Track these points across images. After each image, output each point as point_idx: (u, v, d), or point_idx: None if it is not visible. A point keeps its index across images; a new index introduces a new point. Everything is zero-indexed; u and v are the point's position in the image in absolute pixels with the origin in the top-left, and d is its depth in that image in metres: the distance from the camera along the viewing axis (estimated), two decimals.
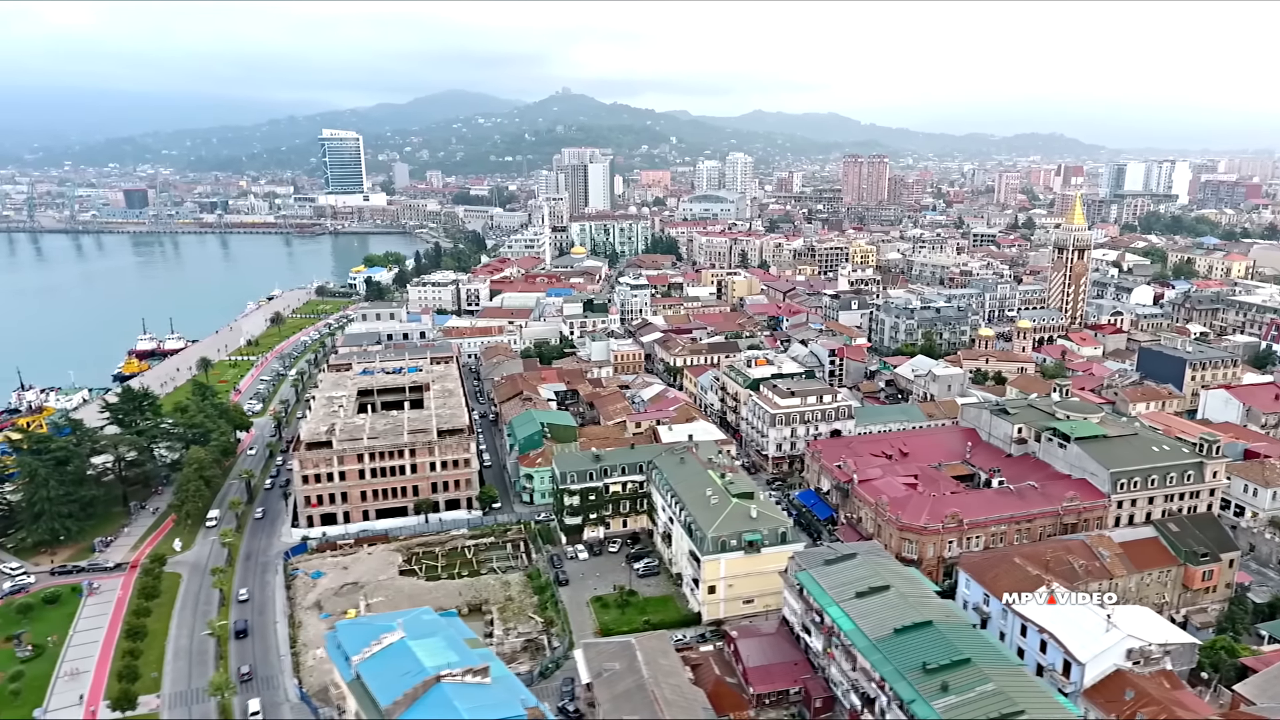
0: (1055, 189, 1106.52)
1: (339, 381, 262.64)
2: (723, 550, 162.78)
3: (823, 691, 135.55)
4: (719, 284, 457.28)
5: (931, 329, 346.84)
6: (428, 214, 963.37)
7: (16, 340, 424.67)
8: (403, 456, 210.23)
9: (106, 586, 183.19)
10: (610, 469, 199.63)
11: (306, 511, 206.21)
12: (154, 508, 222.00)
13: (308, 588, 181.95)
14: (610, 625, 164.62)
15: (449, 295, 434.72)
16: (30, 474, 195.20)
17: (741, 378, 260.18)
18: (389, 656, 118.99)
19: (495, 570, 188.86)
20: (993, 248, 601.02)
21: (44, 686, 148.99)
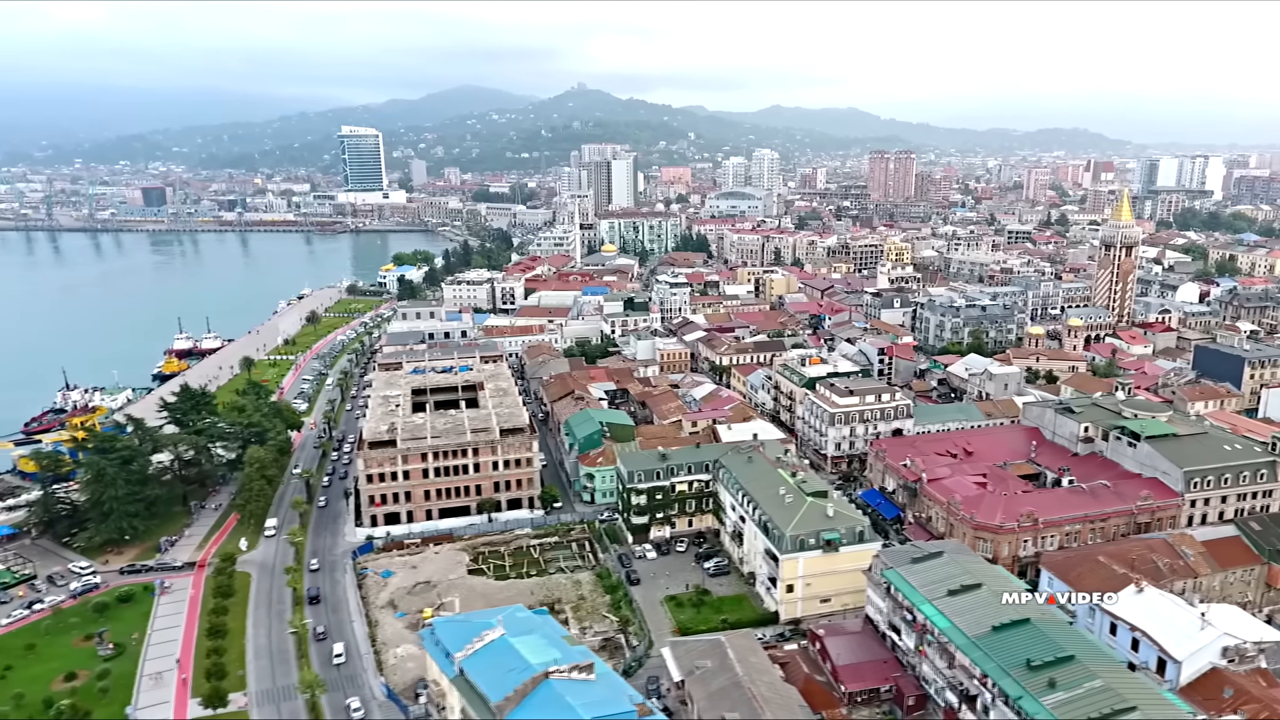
0: (1085, 185, 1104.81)
1: (391, 381, 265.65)
2: (801, 549, 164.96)
3: (915, 690, 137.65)
4: (756, 282, 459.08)
5: (978, 327, 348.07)
6: (449, 211, 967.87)
7: (54, 340, 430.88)
8: (465, 456, 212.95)
9: (177, 585, 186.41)
10: (676, 468, 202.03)
11: (370, 511, 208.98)
12: (214, 506, 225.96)
13: (379, 587, 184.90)
14: (688, 624, 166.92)
15: (484, 294, 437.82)
16: (98, 473, 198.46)
17: (797, 376, 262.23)
18: (492, 653, 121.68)
19: (563, 570, 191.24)
20: (1028, 245, 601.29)
21: (130, 685, 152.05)
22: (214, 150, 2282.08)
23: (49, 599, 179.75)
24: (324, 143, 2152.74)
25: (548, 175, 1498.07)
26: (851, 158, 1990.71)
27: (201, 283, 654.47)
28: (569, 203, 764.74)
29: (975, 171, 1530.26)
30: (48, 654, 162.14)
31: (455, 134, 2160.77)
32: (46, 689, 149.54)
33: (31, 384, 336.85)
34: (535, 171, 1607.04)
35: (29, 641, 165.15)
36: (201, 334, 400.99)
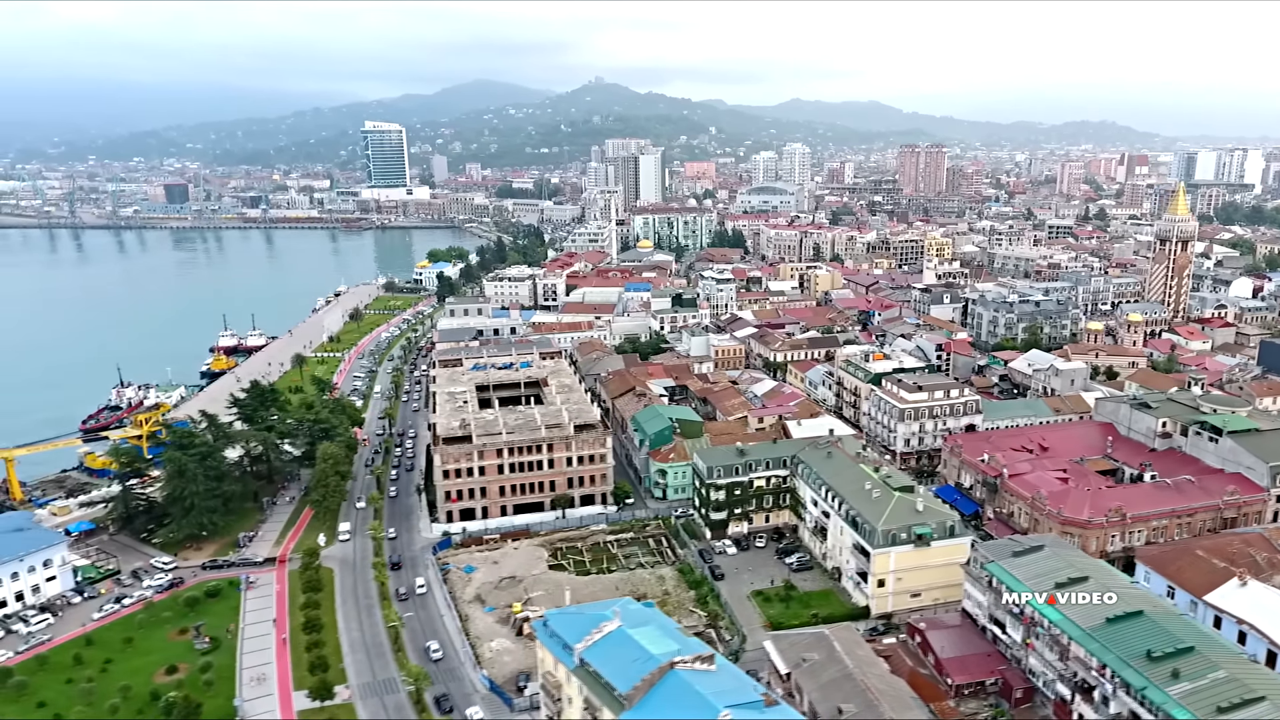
0: (1118, 179, 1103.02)
1: (453, 377, 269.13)
2: (892, 544, 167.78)
3: (1022, 682, 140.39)
4: (801, 278, 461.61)
5: (1032, 323, 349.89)
6: (475, 208, 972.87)
7: (98, 338, 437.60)
8: (540, 451, 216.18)
9: (262, 581, 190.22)
10: (755, 463, 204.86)
11: (446, 507, 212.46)
12: (288, 499, 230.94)
13: (463, 582, 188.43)
14: (778, 619, 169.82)
15: (525, 290, 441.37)
16: (179, 469, 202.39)
17: (862, 372, 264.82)
18: (612, 644, 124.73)
19: (643, 565, 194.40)
20: (1070, 240, 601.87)
21: (231, 677, 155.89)
22: (228, 146, 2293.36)
23: (137, 593, 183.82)
24: (340, 138, 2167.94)
25: (568, 170, 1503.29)
26: (875, 151, 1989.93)
27: (235, 280, 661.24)
28: (598, 198, 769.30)
29: (1003, 165, 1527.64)
30: (145, 647, 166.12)
31: (473, 129, 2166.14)
32: (149, 681, 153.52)
33: (83, 382, 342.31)
34: (555, 167, 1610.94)
35: (125, 635, 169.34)
36: (247, 331, 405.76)
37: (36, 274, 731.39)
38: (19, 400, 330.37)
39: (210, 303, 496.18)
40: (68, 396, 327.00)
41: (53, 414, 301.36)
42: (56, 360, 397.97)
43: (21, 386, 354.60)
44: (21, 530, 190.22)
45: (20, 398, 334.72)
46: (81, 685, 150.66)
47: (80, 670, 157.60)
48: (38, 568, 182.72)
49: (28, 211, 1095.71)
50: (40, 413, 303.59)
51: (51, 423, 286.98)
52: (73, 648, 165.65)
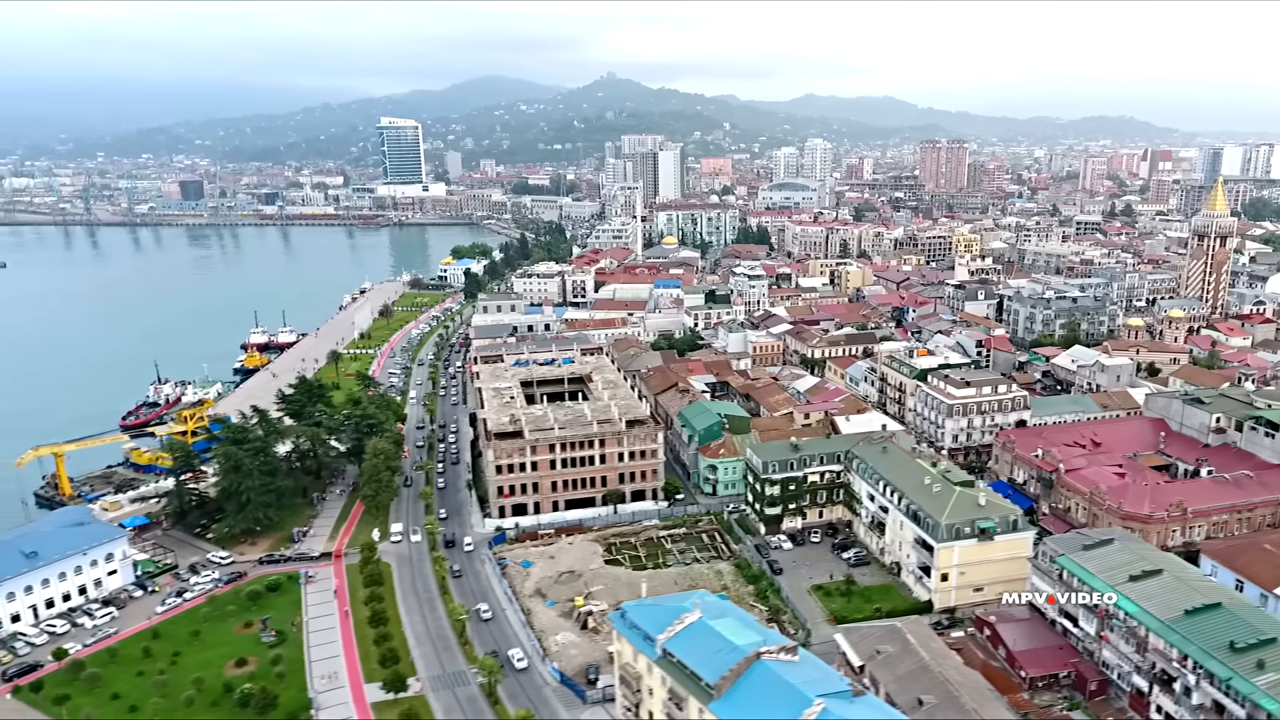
0: (1141, 174, 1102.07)
1: (496, 373, 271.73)
2: (956, 538, 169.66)
3: (1096, 675, 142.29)
4: (831, 274, 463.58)
5: (1070, 319, 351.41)
6: (493, 205, 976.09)
7: (129, 335, 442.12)
8: (592, 447, 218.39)
9: (320, 575, 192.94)
10: (809, 459, 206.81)
11: (499, 502, 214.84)
12: (337, 493, 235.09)
13: (522, 576, 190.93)
14: (841, 613, 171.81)
15: (554, 286, 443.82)
16: (234, 464, 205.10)
17: (907, 368, 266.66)
18: (694, 635, 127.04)
19: (698, 560, 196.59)
20: (1098, 236, 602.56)
21: (301, 670, 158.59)
22: (237, 143, 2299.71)
23: (198, 587, 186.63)
24: (349, 135, 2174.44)
25: (583, 167, 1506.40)
26: (891, 147, 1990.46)
27: (258, 277, 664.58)
28: (619, 194, 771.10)
29: (1022, 161, 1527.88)
30: (211, 640, 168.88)
31: (484, 125, 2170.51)
32: (220, 674, 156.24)
33: (119, 379, 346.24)
34: (569, 163, 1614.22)
35: (192, 629, 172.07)
36: (278, 328, 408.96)
37: (59, 271, 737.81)
38: (57, 397, 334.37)
39: (236, 299, 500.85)
40: (104, 393, 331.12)
41: (91, 411, 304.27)
42: (90, 358, 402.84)
43: (58, 384, 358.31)
44: (82, 525, 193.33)
45: (58, 395, 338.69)
46: (155, 677, 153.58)
47: (150, 663, 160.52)
48: (99, 562, 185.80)
49: (42, 208, 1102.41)
50: (79, 409, 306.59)
51: (91, 420, 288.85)
52: (140, 640, 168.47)
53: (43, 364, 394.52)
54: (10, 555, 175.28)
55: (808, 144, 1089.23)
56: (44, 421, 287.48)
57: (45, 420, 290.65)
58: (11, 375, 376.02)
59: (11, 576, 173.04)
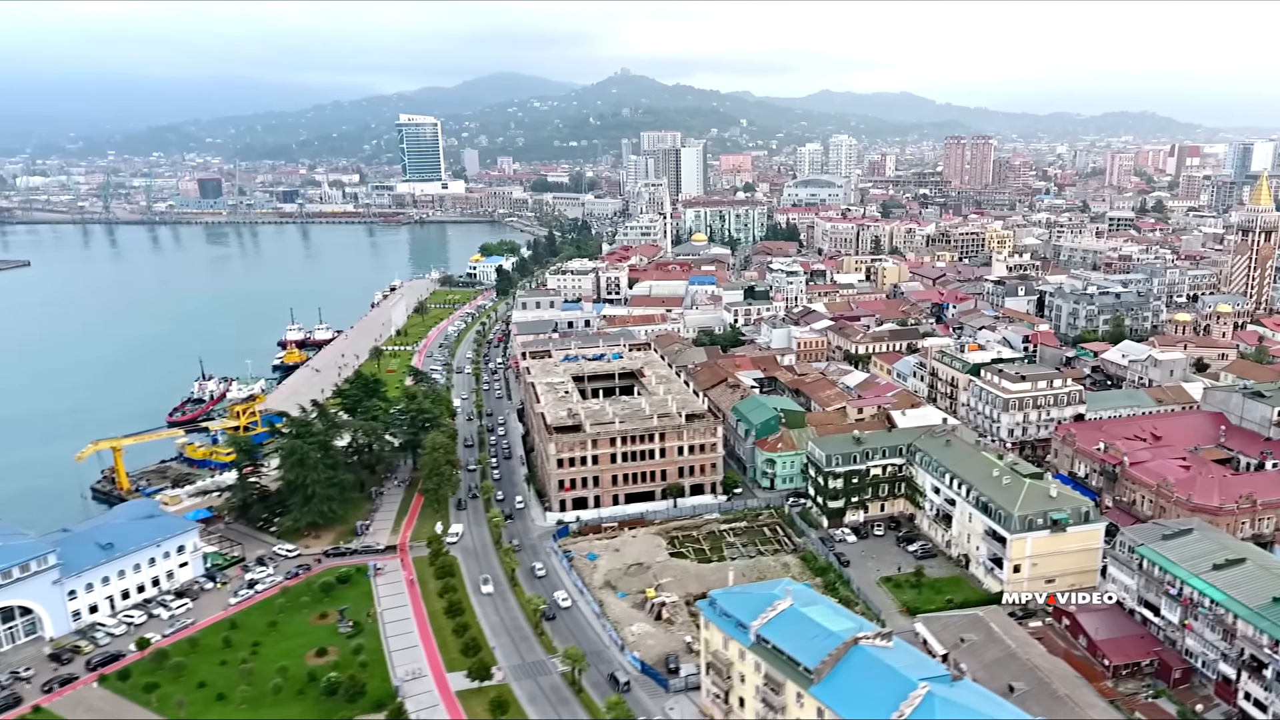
0: (1168, 170, 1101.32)
1: (547, 368, 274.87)
2: (1029, 529, 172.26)
3: (1180, 663, 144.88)
4: (867, 271, 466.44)
5: (1114, 315, 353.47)
6: (514, 202, 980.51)
7: (163, 332, 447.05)
8: (652, 440, 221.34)
9: (389, 567, 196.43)
10: (871, 452, 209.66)
11: (559, 495, 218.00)
12: (395, 485, 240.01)
13: (590, 569, 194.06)
14: (914, 604, 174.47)
15: (588, 283, 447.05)
16: (300, 457, 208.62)
17: (959, 363, 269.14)
18: (788, 621, 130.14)
19: (762, 553, 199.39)
20: (1132, 232, 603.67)
21: (380, 659, 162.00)
22: (249, 141, 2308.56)
23: (268, 579, 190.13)
24: (362, 132, 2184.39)
25: (599, 164, 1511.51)
26: (910, 144, 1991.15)
27: (285, 275, 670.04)
28: (643, 192, 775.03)
29: (1044, 157, 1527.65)
30: (288, 630, 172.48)
31: (498, 122, 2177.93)
32: (302, 663, 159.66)
33: (161, 376, 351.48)
34: (585, 160, 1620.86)
35: (268, 619, 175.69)
36: (314, 325, 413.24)
37: (84, 270, 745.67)
38: (102, 394, 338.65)
39: (266, 297, 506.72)
40: (147, 390, 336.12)
41: (137, 407, 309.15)
42: (128, 355, 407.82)
43: (100, 381, 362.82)
44: (152, 517, 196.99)
45: (102, 392, 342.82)
46: (241, 666, 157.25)
47: (231, 652, 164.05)
48: (171, 554, 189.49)
49: (59, 207, 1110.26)
50: (124, 406, 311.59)
51: (137, 416, 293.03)
52: (218, 631, 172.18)
53: (82, 361, 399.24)
54: (86, 547, 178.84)
55: (832, 140, 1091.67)
56: (92, 418, 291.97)
57: (92, 417, 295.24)
58: (54, 373, 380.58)
59: (89, 568, 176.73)
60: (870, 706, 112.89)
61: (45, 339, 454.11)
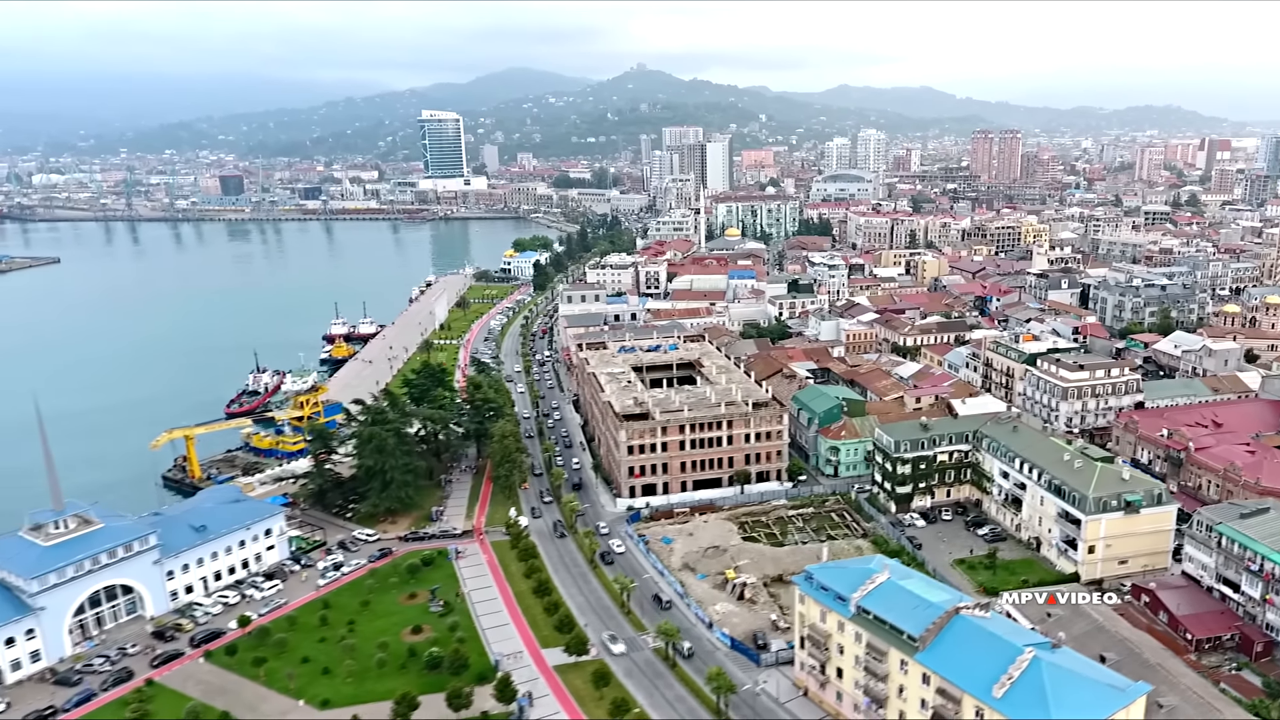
0: (1197, 164, 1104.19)
1: (605, 359, 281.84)
2: (1103, 511, 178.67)
3: (1261, 637, 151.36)
4: (907, 264, 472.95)
5: (1160, 307, 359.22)
6: (538, 198, 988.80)
7: (207, 327, 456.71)
8: (720, 428, 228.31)
9: (469, 551, 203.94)
10: (939, 438, 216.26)
11: (629, 482, 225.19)
12: (463, 470, 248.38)
13: (666, 552, 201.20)
14: (990, 585, 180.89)
15: (628, 277, 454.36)
16: (379, 444, 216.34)
17: (1015, 353, 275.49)
18: (888, 593, 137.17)
19: (832, 537, 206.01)
20: (1169, 226, 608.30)
21: (475, 636, 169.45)
22: (262, 138, 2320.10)
23: (354, 562, 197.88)
24: (376, 129, 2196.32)
25: (619, 159, 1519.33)
26: (932, 139, 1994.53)
27: (316, 271, 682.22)
28: (671, 187, 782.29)
29: (1069, 152, 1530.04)
30: (381, 610, 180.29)
31: (514, 119, 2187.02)
32: (399, 640, 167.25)
33: (212, 368, 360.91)
34: (603, 156, 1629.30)
35: (360, 599, 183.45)
36: (358, 320, 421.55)
37: (114, 266, 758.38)
38: (157, 388, 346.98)
39: (303, 293, 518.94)
40: (202, 383, 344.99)
41: (194, 400, 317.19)
42: (176, 349, 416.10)
43: (153, 376, 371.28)
44: (238, 501, 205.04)
45: (156, 386, 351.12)
46: (341, 642, 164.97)
47: (328, 630, 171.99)
48: (260, 537, 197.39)
49: (80, 204, 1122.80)
50: (183, 399, 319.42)
51: (195, 408, 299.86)
52: (312, 610, 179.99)
53: (130, 355, 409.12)
54: (181, 530, 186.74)
55: (860, 135, 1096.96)
56: (152, 410, 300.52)
57: (153, 409, 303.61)
58: (105, 366, 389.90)
59: (186, 549, 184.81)
60: (977, 670, 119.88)
61: (91, 333, 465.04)
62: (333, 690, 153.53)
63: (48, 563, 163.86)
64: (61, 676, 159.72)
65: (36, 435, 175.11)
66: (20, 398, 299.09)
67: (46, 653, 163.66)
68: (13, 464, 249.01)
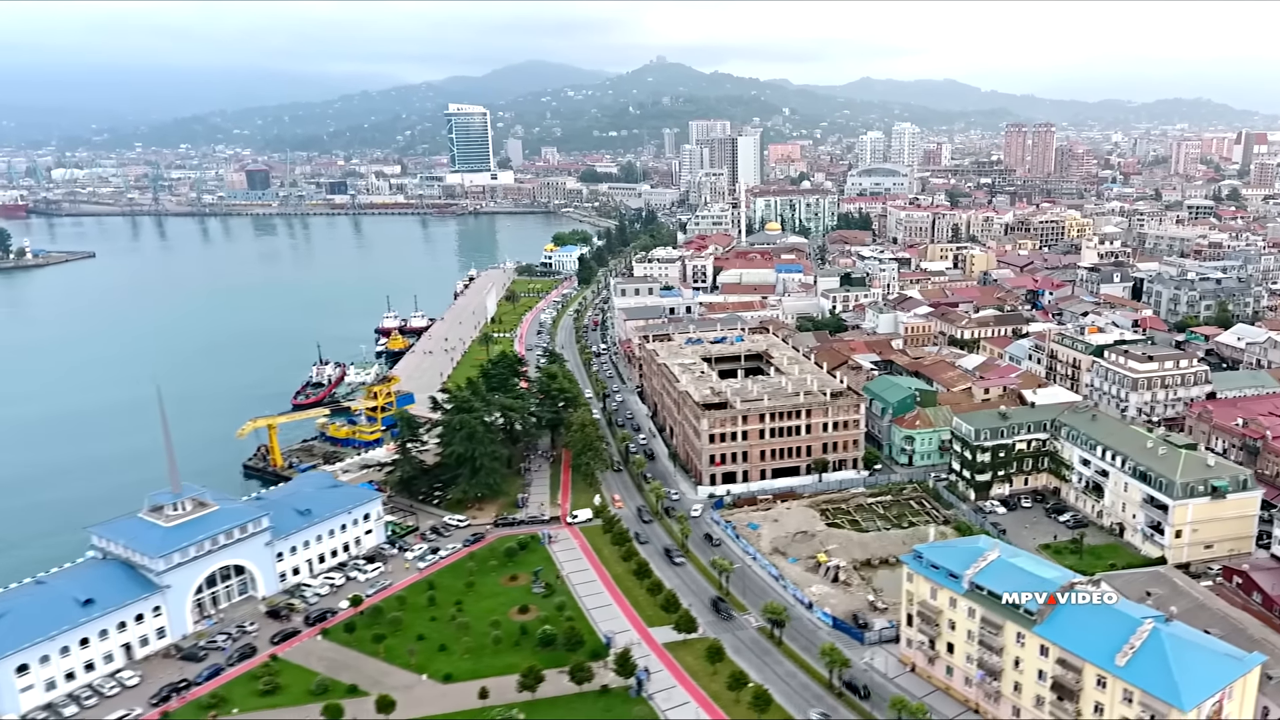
0: (1234, 158, 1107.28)
1: (673, 350, 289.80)
2: (1190, 496, 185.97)
3: None
4: (955, 258, 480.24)
5: (1216, 300, 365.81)
6: (568, 192, 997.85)
7: (258, 319, 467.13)
8: (798, 417, 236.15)
9: (559, 536, 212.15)
10: (1017, 427, 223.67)
11: (710, 470, 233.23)
12: (540, 456, 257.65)
13: (754, 537, 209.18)
14: (1078, 569, 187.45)
15: (675, 271, 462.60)
16: (470, 432, 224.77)
17: (1082, 345, 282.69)
18: (1000, 570, 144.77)
19: (913, 524, 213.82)
20: (1212, 220, 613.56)
21: (580, 615, 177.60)
22: (277, 132, 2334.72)
23: (450, 546, 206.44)
24: (393, 123, 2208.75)
25: (641, 153, 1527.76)
26: (958, 132, 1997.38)
27: (355, 266, 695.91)
28: (705, 181, 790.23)
29: (1100, 146, 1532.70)
30: (485, 591, 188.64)
31: (533, 112, 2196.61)
32: (507, 618, 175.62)
33: (272, 360, 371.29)
34: (625, 150, 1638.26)
35: (464, 580, 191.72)
36: (409, 313, 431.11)
37: (148, 261, 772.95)
38: (221, 379, 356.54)
39: (347, 287, 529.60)
40: (264, 375, 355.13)
41: (258, 391, 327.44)
42: (232, 342, 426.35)
43: (215, 368, 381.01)
44: (335, 487, 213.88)
45: (220, 377, 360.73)
46: (452, 620, 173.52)
47: (437, 609, 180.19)
48: (359, 521, 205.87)
49: (105, 199, 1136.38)
50: (249, 390, 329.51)
51: (263, 399, 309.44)
52: (419, 590, 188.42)
53: (185, 348, 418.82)
54: (287, 513, 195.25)
55: (895, 128, 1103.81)
56: (221, 401, 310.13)
57: (222, 400, 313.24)
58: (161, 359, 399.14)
59: (293, 532, 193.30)
60: (1097, 641, 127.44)
61: (145, 327, 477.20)
62: (452, 665, 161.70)
63: (171, 543, 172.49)
64: (187, 652, 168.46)
65: (115, 424, 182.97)
66: (80, 390, 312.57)
67: (171, 629, 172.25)
68: (100, 451, 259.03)
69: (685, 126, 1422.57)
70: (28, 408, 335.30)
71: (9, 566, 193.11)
